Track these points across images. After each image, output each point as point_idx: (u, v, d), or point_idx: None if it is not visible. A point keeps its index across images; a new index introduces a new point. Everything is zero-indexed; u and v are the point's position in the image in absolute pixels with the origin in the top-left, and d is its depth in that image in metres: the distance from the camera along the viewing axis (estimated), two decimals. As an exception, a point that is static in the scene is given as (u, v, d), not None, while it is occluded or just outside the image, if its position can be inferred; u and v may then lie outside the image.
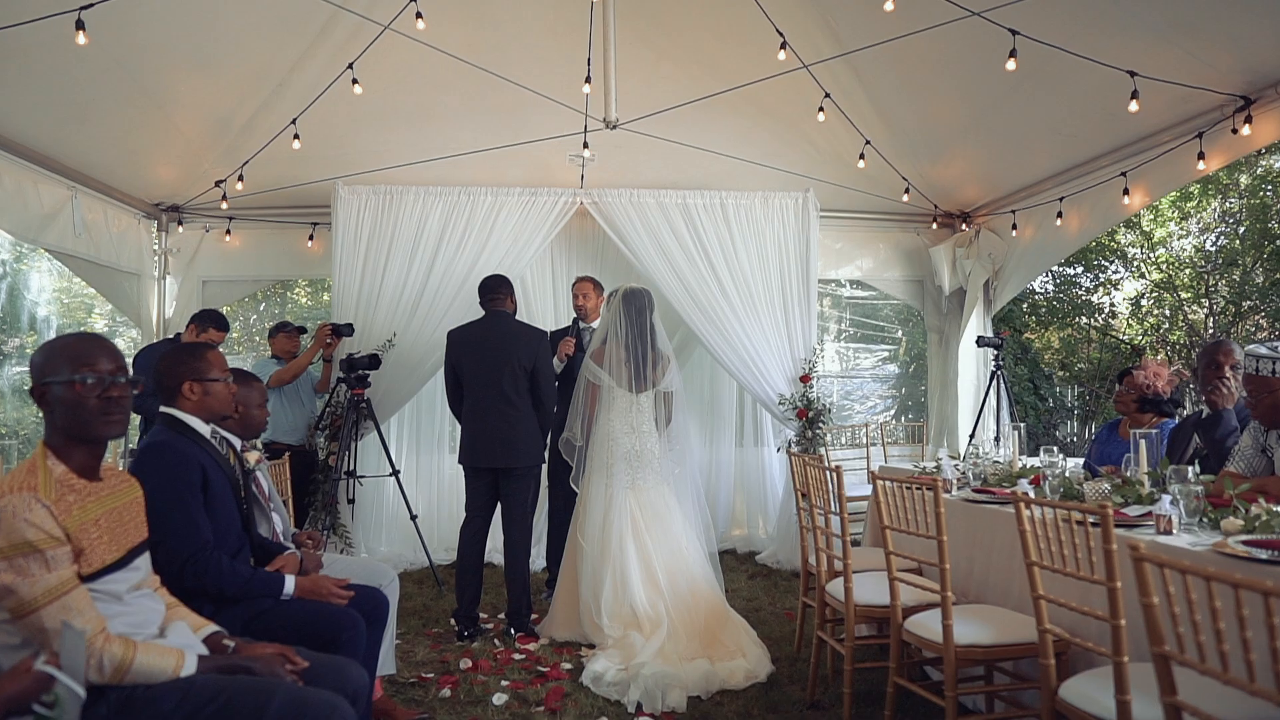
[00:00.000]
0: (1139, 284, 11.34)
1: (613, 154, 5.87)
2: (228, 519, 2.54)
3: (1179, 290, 10.95)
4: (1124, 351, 11.33)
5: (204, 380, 2.58)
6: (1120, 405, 4.35)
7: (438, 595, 5.34)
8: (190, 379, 2.56)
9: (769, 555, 6.08)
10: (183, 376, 2.56)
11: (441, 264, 5.84)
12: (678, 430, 4.42)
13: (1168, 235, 11.20)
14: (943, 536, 2.67)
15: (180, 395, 2.56)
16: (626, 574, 4.11)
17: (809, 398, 5.99)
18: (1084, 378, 11.61)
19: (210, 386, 2.59)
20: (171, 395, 2.56)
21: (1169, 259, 11.17)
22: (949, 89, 5.44)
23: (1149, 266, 11.12)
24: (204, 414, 2.60)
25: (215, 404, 2.61)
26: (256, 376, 3.18)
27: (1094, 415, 11.49)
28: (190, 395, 2.56)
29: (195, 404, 2.57)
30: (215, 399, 2.61)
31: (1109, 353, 11.52)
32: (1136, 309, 11.23)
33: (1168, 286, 10.99)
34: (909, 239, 7.25)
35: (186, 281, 6.60)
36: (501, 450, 4.39)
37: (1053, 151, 5.72)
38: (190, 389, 2.56)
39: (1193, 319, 11.02)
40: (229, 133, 5.57)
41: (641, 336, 4.29)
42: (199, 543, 2.39)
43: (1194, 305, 11.03)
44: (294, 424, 5.62)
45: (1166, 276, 11.03)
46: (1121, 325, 11.59)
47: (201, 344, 2.75)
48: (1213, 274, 10.67)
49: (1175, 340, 11.23)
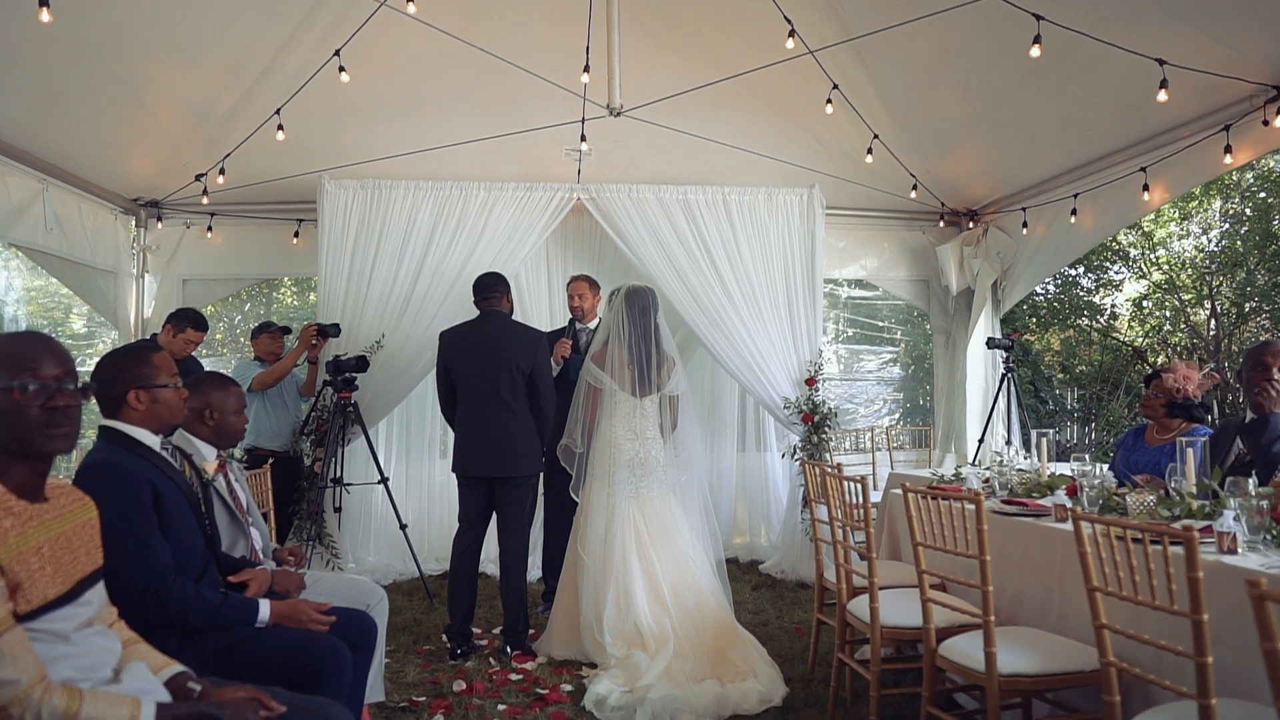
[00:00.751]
0: (1140, 285, 11.19)
1: (610, 148, 5.65)
2: (189, 540, 2.28)
3: (1181, 292, 10.79)
4: (1125, 354, 11.18)
5: (151, 387, 2.32)
6: (1148, 410, 4.15)
7: (429, 609, 5.10)
8: (136, 387, 2.29)
9: (773, 565, 5.86)
10: (127, 384, 2.29)
11: (432, 262, 5.59)
12: (683, 436, 4.19)
13: (1168, 236, 11.06)
14: (985, 556, 2.45)
15: (125, 405, 2.30)
16: (630, 589, 3.87)
17: (814, 401, 5.77)
18: (1085, 380, 11.44)
19: (159, 394, 2.33)
20: (115, 406, 2.29)
21: (1169, 260, 11.02)
22: (958, 81, 5.23)
23: (1150, 267, 10.97)
24: (153, 424, 2.34)
25: (165, 412, 2.35)
26: (233, 380, 2.93)
27: (1095, 418, 11.34)
28: (136, 405, 2.30)
29: (143, 414, 2.31)
30: (165, 407, 2.35)
31: (1110, 355, 11.36)
32: (1138, 310, 11.07)
33: (1169, 288, 10.84)
34: (914, 237, 7.05)
35: (166, 280, 6.34)
36: (498, 458, 4.15)
37: (1067, 146, 5.52)
38: (136, 398, 2.30)
39: (1195, 321, 10.87)
40: (209, 123, 5.32)
41: (646, 337, 4.06)
42: (158, 570, 2.14)
43: (1196, 307, 10.89)
44: (278, 429, 5.37)
45: (1168, 277, 10.88)
46: (1123, 327, 11.44)
47: (146, 345, 2.48)
48: (1216, 275, 10.51)
49: (1177, 342, 11.08)
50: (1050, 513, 3.03)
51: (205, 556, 2.35)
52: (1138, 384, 11.17)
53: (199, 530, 2.34)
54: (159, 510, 2.18)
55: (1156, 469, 3.96)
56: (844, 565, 3.27)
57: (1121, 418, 10.78)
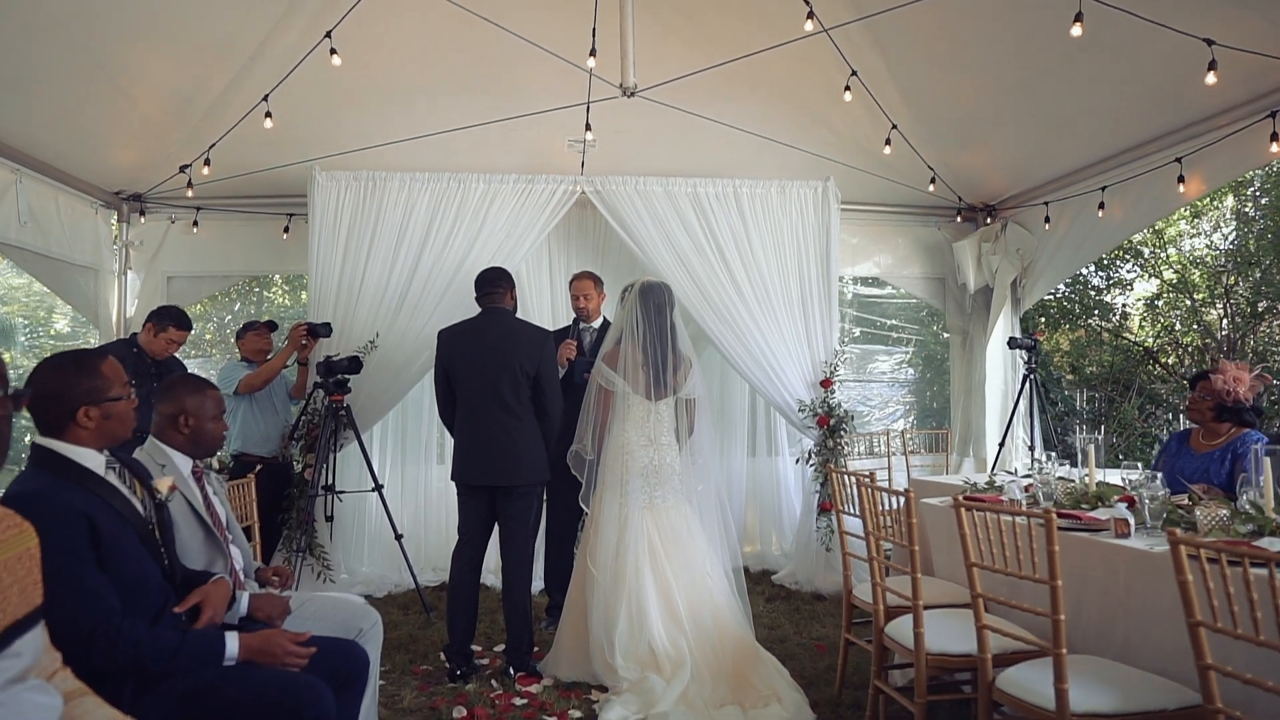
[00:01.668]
0: (1152, 284, 10.96)
1: (615, 140, 5.38)
2: (138, 573, 2.00)
3: (1194, 291, 10.56)
4: (1136, 354, 10.95)
5: (103, 401, 2.04)
6: (1194, 413, 3.89)
7: (426, 623, 4.82)
8: (86, 403, 2.02)
9: (787, 575, 5.59)
10: (76, 400, 2.00)
11: (429, 257, 5.31)
12: (700, 442, 3.92)
13: (1178, 234, 10.83)
14: (1056, 580, 2.19)
15: (73, 424, 2.01)
16: (643, 606, 3.60)
17: (830, 404, 5.50)
18: (1095, 381, 11.20)
19: (111, 408, 2.05)
20: (59, 424, 2.00)
21: (1180, 259, 10.80)
22: (980, 68, 4.98)
23: (1163, 265, 10.73)
24: (102, 442, 2.06)
25: (118, 428, 2.08)
26: (210, 383, 2.64)
27: (1105, 420, 11.10)
28: (86, 423, 2.01)
29: (92, 433, 2.03)
30: (118, 422, 2.07)
31: (1120, 355, 11.12)
32: (1151, 310, 10.83)
33: (1182, 287, 10.60)
34: (929, 234, 6.80)
35: (150, 277, 6.05)
36: (500, 466, 3.87)
37: (1096, 136, 5.27)
38: (86, 415, 2.02)
39: (1207, 321, 10.64)
40: (194, 111, 5.04)
41: (661, 337, 3.79)
42: (102, 613, 1.86)
43: (1208, 307, 10.66)
44: (266, 434, 5.09)
45: (1180, 277, 10.66)
46: (1134, 327, 11.20)
47: (92, 354, 2.17)
48: (1231, 274, 10.28)
49: (1189, 343, 10.85)
50: (1110, 527, 2.77)
51: (162, 591, 2.06)
52: (1149, 385, 10.95)
53: (152, 562, 2.05)
54: (97, 547, 1.89)
55: (1205, 476, 3.72)
56: (880, 583, 3.00)
57: (1133, 420, 10.55)
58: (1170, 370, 10.81)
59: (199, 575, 2.39)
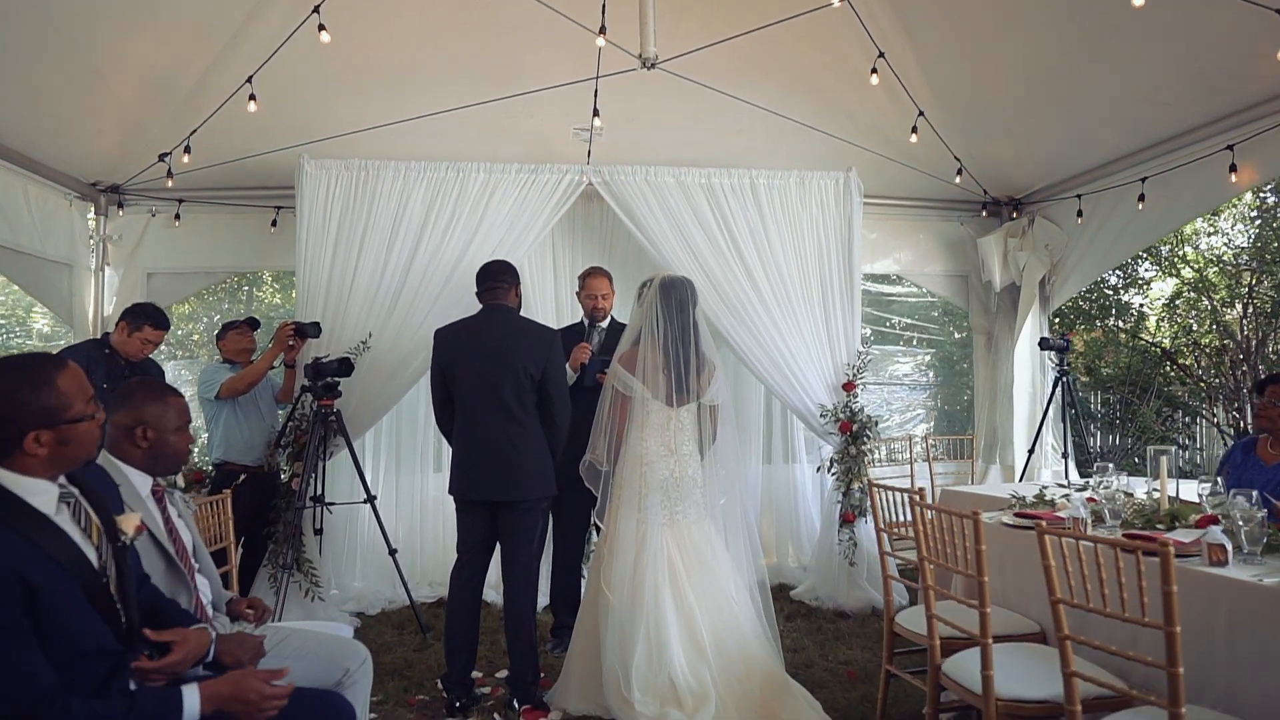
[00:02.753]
0: (1170, 283, 10.66)
1: (624, 128, 5.05)
2: (83, 640, 1.64)
3: (1214, 290, 10.25)
4: (1153, 355, 10.66)
5: (60, 425, 1.67)
6: (1263, 420, 3.56)
7: (422, 645, 4.48)
8: (39, 426, 1.64)
9: (806, 590, 5.25)
10: (24, 424, 1.63)
11: (426, 252, 4.96)
12: (723, 452, 3.57)
13: (1194, 232, 10.53)
14: (1174, 627, 1.85)
15: (18, 452, 1.64)
16: (663, 635, 3.26)
17: (852, 408, 5.17)
18: (1111, 383, 10.88)
19: (70, 432, 1.68)
20: (3, 450, 1.63)
21: (1197, 257, 10.50)
22: (1014, 50, 4.65)
23: (1181, 264, 10.43)
24: (56, 471, 1.69)
25: (77, 451, 1.71)
26: (172, 389, 2.29)
27: (1121, 424, 10.79)
28: (35, 450, 1.64)
29: (42, 461, 1.66)
30: (78, 445, 1.70)
31: (1138, 356, 10.82)
32: (1171, 309, 10.53)
33: (1202, 286, 10.30)
34: (951, 229, 6.47)
35: (129, 273, 5.70)
36: (503, 479, 3.53)
37: (1137, 124, 4.96)
38: (36, 441, 1.64)
39: (1226, 320, 10.33)
40: (174, 94, 4.70)
41: (684, 337, 3.45)
42: (36, 695, 1.52)
43: (1227, 307, 10.35)
44: (250, 441, 4.73)
45: (1198, 276, 10.35)
46: (1151, 327, 10.89)
47: (47, 363, 1.73)
48: (1254, 273, 9.97)
49: (1208, 344, 10.55)
50: (1202, 552, 2.43)
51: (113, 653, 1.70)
52: (1165, 388, 10.66)
53: (103, 624, 1.69)
54: (34, 610, 1.54)
55: (1278, 491, 3.39)
56: (937, 617, 2.66)
57: (1152, 424, 10.23)
58: (1188, 372, 10.50)
59: (176, 610, 2.06)
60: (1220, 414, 10.47)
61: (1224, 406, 10.35)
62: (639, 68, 3.56)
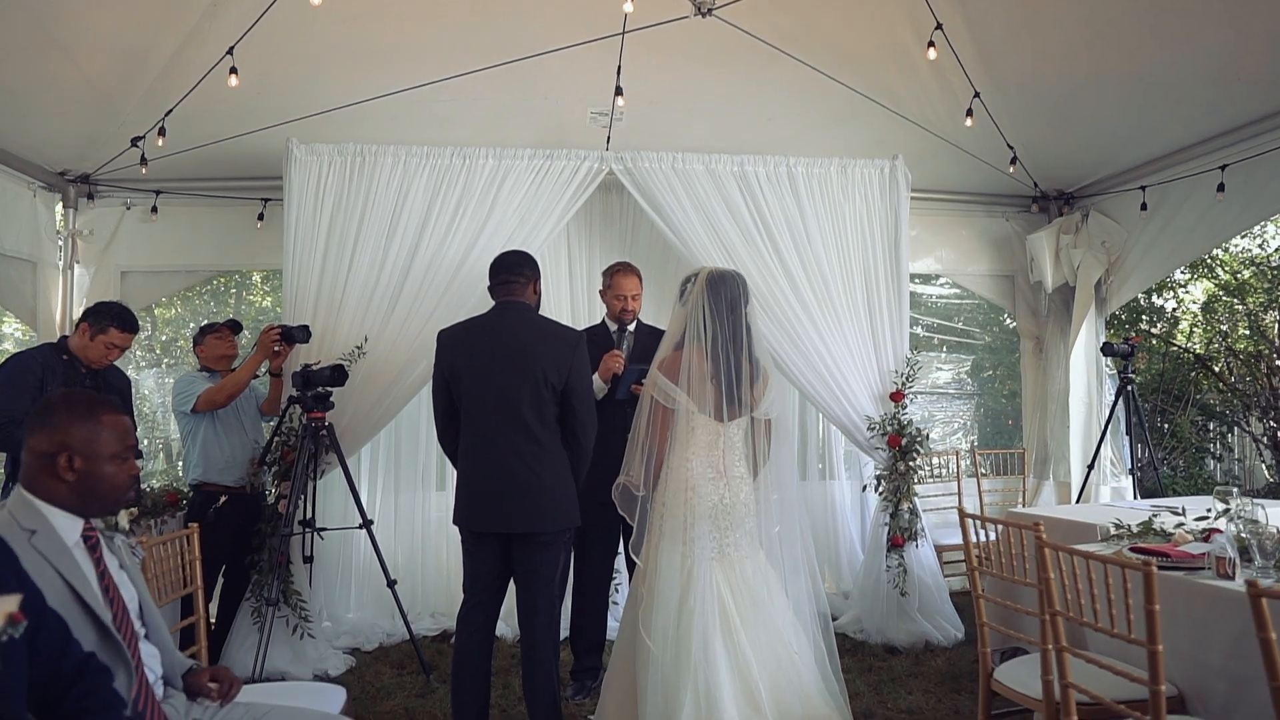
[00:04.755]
0: (1203, 285, 10.21)
1: (645, 111, 4.59)
2: None
3: (1250, 294, 9.80)
4: (1187, 362, 10.20)
5: None
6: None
7: (425, 688, 3.97)
8: None
9: (851, 622, 4.74)
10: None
11: (428, 248, 4.48)
12: (779, 474, 3.06)
13: (1226, 233, 10.08)
14: None
15: None
16: (714, 692, 2.73)
17: (900, 421, 4.67)
18: (1144, 391, 10.42)
19: None
20: None
21: (1229, 259, 10.05)
22: (1075, 23, 4.19)
23: (1216, 264, 9.98)
24: None
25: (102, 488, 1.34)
26: (107, 402, 1.77)
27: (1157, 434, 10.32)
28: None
29: None
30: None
31: (1170, 363, 10.36)
32: (1208, 314, 10.07)
33: (1237, 290, 9.84)
34: (996, 225, 6.01)
35: (101, 272, 5.24)
36: (518, 507, 3.00)
37: (1214, 105, 4.50)
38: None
39: (1263, 325, 9.88)
40: (147, 71, 4.25)
41: (735, 341, 2.93)
42: None
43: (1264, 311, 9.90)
44: (232, 459, 4.22)
45: (1231, 279, 9.91)
46: (1184, 332, 10.43)
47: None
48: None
49: (1243, 350, 10.09)
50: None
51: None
52: (1199, 395, 10.20)
53: None
54: None
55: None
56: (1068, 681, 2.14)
57: (1188, 435, 9.76)
58: (1223, 379, 10.04)
59: None
60: (1255, 424, 10.00)
61: (1259, 416, 9.87)
62: (692, 15, 3.06)
